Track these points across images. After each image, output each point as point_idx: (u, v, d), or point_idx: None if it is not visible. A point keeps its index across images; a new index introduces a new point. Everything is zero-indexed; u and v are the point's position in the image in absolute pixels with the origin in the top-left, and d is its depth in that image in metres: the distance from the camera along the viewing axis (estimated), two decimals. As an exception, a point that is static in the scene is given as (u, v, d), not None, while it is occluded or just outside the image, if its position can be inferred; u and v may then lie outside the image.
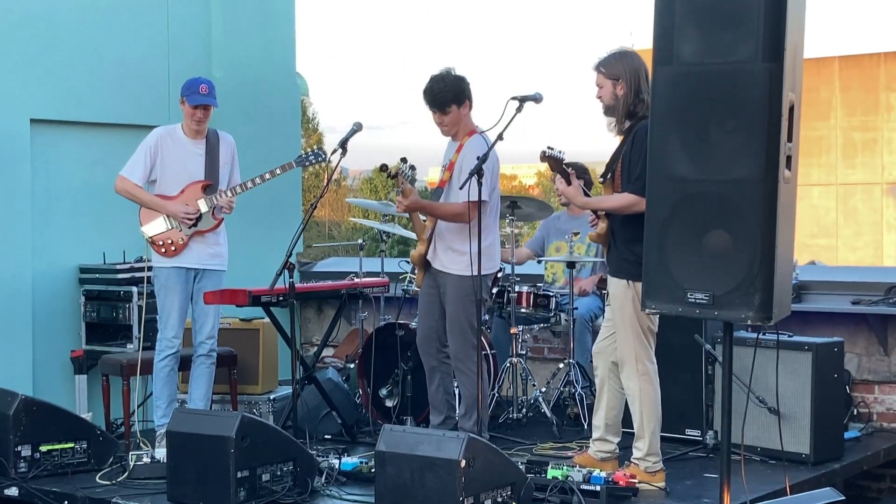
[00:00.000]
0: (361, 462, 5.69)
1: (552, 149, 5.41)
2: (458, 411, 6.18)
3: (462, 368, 6.04)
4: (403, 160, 5.98)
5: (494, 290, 7.07)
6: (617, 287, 5.41)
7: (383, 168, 6.08)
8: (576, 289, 7.03)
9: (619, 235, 5.40)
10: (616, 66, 5.36)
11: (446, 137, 6.20)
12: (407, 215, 6.36)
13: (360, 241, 8.11)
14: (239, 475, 5.11)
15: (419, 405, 6.63)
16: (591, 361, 5.96)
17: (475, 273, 5.85)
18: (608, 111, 5.45)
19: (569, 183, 5.50)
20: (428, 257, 6.12)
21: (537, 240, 7.68)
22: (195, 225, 6.37)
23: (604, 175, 5.49)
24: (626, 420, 5.51)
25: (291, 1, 9.24)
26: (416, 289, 6.76)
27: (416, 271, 6.33)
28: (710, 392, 6.24)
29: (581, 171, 5.88)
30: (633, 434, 5.43)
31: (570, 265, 7.01)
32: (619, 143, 5.51)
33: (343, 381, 7.07)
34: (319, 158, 6.57)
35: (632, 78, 5.33)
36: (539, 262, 7.66)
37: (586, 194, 5.59)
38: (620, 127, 5.43)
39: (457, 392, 6.26)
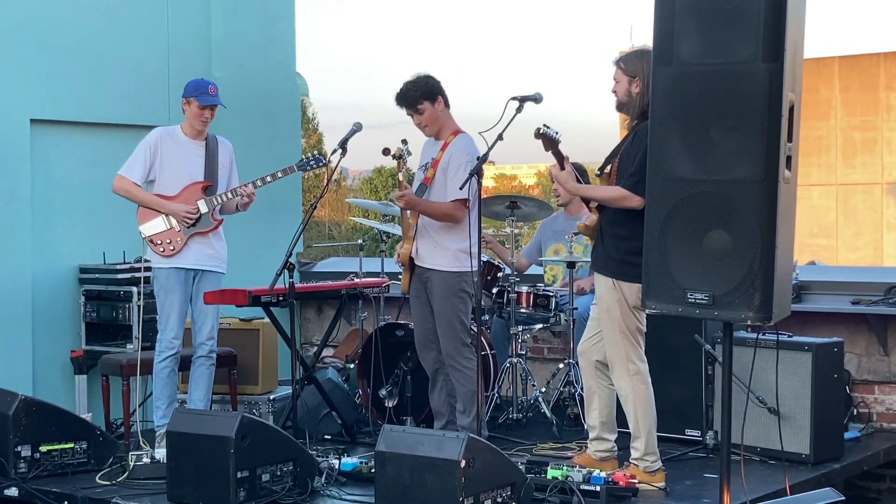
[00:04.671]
0: (361, 462, 5.69)
1: (548, 127, 5.36)
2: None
3: (455, 365, 6.04)
4: (404, 142, 6.08)
5: (494, 290, 7.08)
6: (603, 288, 5.41)
7: (385, 152, 6.12)
8: (574, 288, 7.03)
9: (608, 231, 5.40)
10: (635, 63, 5.32)
11: (430, 138, 6.24)
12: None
13: (360, 241, 8.11)
14: (239, 475, 5.11)
15: (419, 405, 6.63)
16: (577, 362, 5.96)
17: (464, 269, 5.94)
18: (620, 107, 5.44)
19: (562, 167, 5.49)
20: (411, 254, 6.13)
21: (533, 245, 7.67)
22: (194, 225, 6.37)
23: (601, 168, 5.49)
24: (623, 420, 5.51)
25: (291, 1, 9.24)
26: (401, 293, 6.72)
27: (402, 273, 6.31)
28: (710, 392, 6.24)
29: (581, 174, 5.87)
30: (629, 434, 5.43)
31: (570, 265, 7.02)
32: (620, 140, 5.51)
33: (343, 381, 7.07)
34: (320, 163, 6.58)
35: (649, 78, 5.28)
36: (540, 263, 7.66)
37: (578, 181, 5.57)
38: (631, 125, 5.43)
39: None
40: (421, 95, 6.08)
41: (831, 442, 6.06)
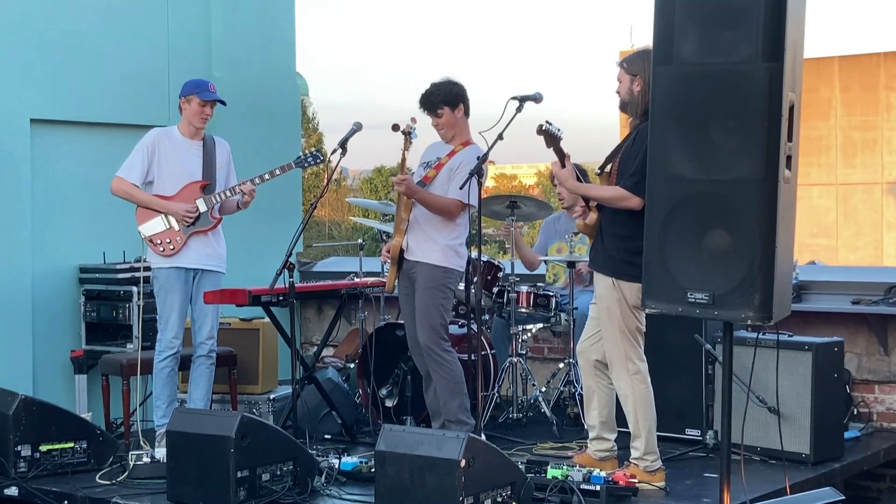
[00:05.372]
0: (361, 462, 5.69)
1: (550, 124, 5.35)
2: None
3: (434, 357, 6.02)
4: (413, 119, 6.09)
5: (495, 290, 7.08)
6: (602, 287, 5.41)
7: (395, 127, 6.12)
8: (576, 278, 7.03)
9: (607, 231, 5.40)
10: (637, 63, 5.33)
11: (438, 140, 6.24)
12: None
13: (360, 240, 8.11)
14: (239, 475, 5.11)
15: (419, 405, 6.62)
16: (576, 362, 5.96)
17: (451, 266, 6.00)
18: (623, 106, 5.46)
19: (563, 165, 5.49)
20: (401, 247, 6.13)
21: (540, 244, 7.69)
22: (194, 224, 6.37)
23: (601, 167, 5.50)
24: (623, 420, 5.51)
25: (291, 1, 9.24)
26: (387, 291, 6.72)
27: (388, 269, 6.31)
28: (710, 392, 6.24)
29: (581, 174, 5.86)
30: (629, 433, 5.43)
31: (571, 265, 7.02)
32: (622, 139, 5.52)
33: (343, 381, 7.07)
34: (318, 160, 6.59)
35: (650, 77, 5.27)
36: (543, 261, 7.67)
37: (578, 180, 5.57)
38: (633, 123, 5.44)
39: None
40: (442, 100, 6.09)
41: (831, 442, 6.06)
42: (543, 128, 5.34)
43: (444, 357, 6.02)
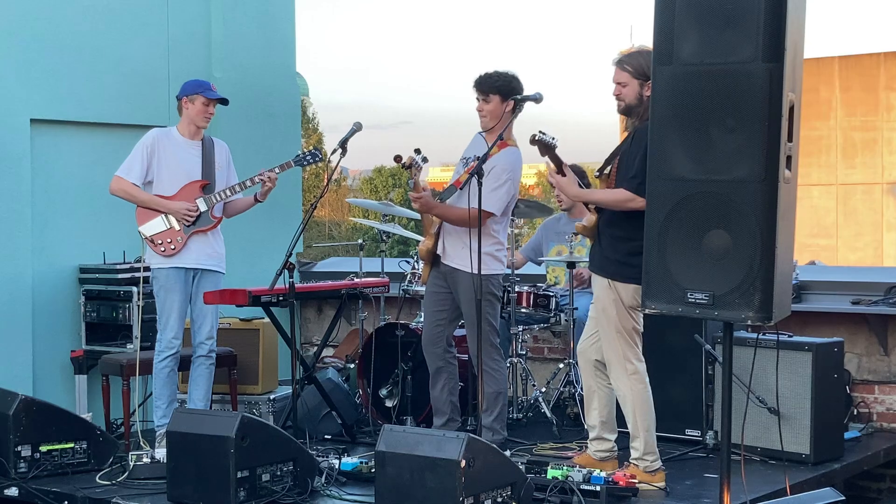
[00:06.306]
0: (361, 462, 5.69)
1: (544, 133, 5.24)
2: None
3: (484, 367, 6.00)
4: (417, 151, 5.97)
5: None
6: (600, 288, 5.40)
7: (397, 159, 6.08)
8: (575, 279, 7.03)
9: (605, 232, 5.37)
10: (645, 64, 5.11)
11: (479, 135, 6.14)
12: (416, 215, 6.36)
13: (360, 241, 8.11)
14: (239, 475, 5.11)
15: (419, 405, 6.63)
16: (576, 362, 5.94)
17: (491, 272, 5.93)
18: (627, 110, 5.32)
19: (562, 173, 5.42)
20: (438, 251, 6.11)
21: (533, 244, 7.66)
22: (194, 224, 6.37)
23: (600, 170, 5.46)
24: (623, 420, 5.51)
25: (291, 1, 9.24)
26: (418, 287, 6.78)
27: (420, 266, 6.31)
28: (710, 392, 6.24)
29: (580, 175, 5.84)
30: (629, 434, 5.43)
31: (571, 266, 7.01)
32: (620, 141, 5.48)
33: (343, 381, 7.07)
34: (317, 158, 6.60)
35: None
36: (540, 264, 7.66)
37: (580, 186, 5.52)
38: (633, 125, 5.34)
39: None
40: (497, 87, 5.94)
41: (831, 442, 6.06)
42: (537, 137, 5.24)
43: (492, 367, 5.98)
